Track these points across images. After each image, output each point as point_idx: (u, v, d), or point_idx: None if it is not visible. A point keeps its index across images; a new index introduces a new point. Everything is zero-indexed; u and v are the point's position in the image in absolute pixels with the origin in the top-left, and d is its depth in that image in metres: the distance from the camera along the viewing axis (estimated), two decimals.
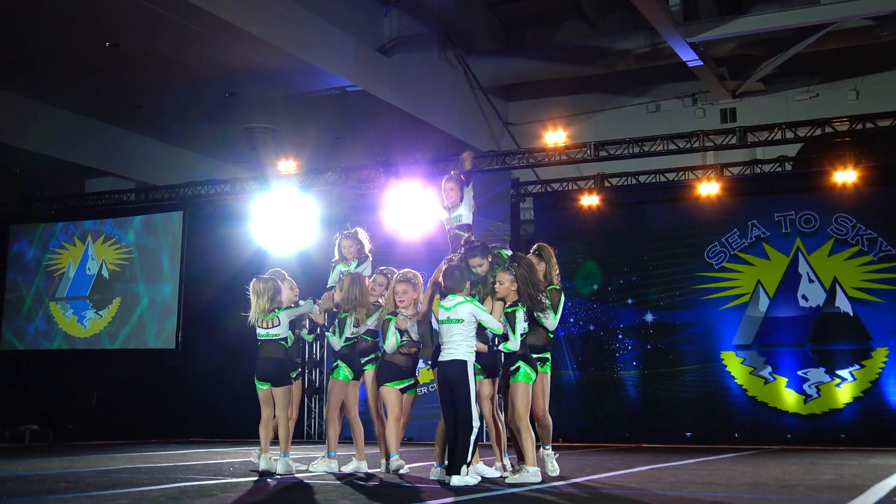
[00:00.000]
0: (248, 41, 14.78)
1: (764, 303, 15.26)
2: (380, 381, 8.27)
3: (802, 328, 14.99)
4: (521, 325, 7.47)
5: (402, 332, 8.05)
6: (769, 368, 15.06)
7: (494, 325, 7.29)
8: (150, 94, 17.26)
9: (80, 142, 18.65)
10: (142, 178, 19.92)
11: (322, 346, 17.18)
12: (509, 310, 7.50)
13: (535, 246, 8.36)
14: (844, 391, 14.60)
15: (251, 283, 8.51)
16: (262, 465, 8.24)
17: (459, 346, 7.21)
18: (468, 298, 7.33)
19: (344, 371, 8.70)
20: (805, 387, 14.80)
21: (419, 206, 15.47)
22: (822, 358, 14.82)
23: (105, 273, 18.42)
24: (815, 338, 14.89)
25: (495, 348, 7.51)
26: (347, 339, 8.71)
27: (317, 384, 17.18)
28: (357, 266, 9.22)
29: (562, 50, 20.37)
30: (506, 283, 7.52)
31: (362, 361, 8.81)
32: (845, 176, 14.72)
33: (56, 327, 18.63)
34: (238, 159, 20.99)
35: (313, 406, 17.12)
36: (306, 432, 17.03)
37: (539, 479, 7.30)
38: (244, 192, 17.39)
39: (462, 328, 7.22)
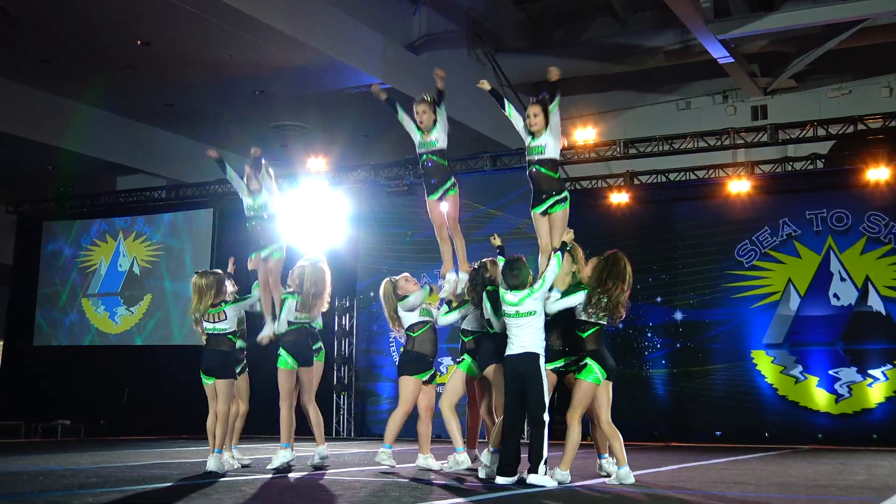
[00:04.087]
0: (279, 39, 14.83)
1: (795, 301, 15.15)
2: (401, 371, 8.29)
3: (834, 327, 14.87)
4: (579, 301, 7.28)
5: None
6: (800, 367, 14.96)
7: (555, 269, 7.18)
8: (181, 92, 17.36)
9: (112, 140, 18.79)
10: (172, 176, 20.05)
11: (350, 343, 17.23)
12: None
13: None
14: (877, 391, 14.48)
15: (193, 280, 8.35)
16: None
17: (530, 338, 7.03)
18: (533, 288, 7.13)
19: (286, 359, 8.37)
20: (836, 386, 14.68)
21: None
22: (854, 357, 14.70)
23: (136, 270, 18.57)
24: (847, 337, 14.76)
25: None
26: (291, 324, 8.49)
27: (345, 381, 17.22)
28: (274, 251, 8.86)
29: (591, 47, 20.30)
30: (589, 268, 7.47)
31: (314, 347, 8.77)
32: (878, 174, 14.59)
33: (88, 323, 18.80)
34: (268, 157, 20.92)
35: (342, 403, 17.16)
36: (335, 430, 17.07)
37: (559, 482, 7.02)
38: None
39: (533, 321, 7.05)
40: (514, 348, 7.09)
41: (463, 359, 8.12)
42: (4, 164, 19.14)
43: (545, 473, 6.85)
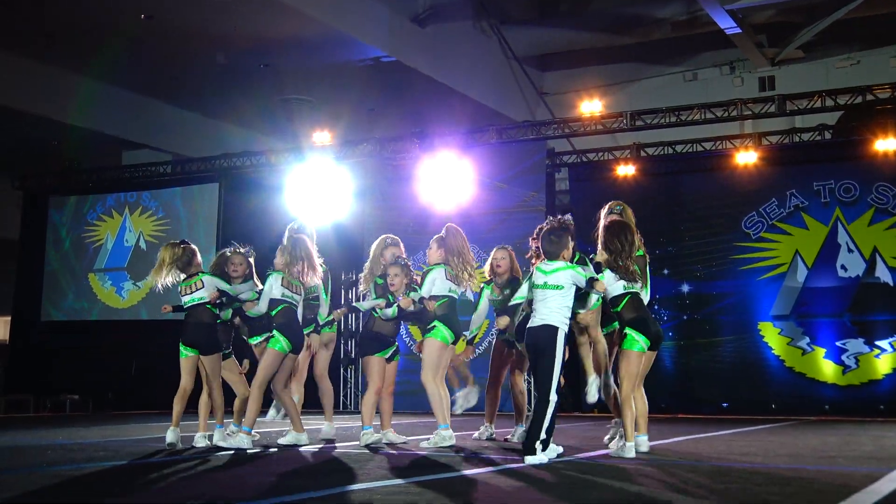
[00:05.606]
0: (283, 12, 14.75)
1: (802, 273, 15.13)
2: (363, 352, 8.18)
3: (841, 298, 14.86)
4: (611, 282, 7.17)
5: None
6: (807, 339, 14.95)
7: (599, 287, 6.86)
8: (186, 65, 17.30)
9: (117, 114, 18.74)
10: (178, 150, 20.01)
11: (357, 318, 17.23)
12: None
13: (614, 205, 8.05)
14: (884, 362, 14.48)
15: (160, 251, 8.23)
16: (169, 438, 7.85)
17: (554, 312, 6.75)
18: (569, 264, 6.91)
19: (281, 342, 8.02)
20: (843, 357, 14.68)
21: (454, 177, 15.46)
22: (861, 328, 14.70)
23: (142, 244, 18.57)
24: (854, 308, 14.76)
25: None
26: (280, 302, 8.11)
27: (352, 355, 17.25)
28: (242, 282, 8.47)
29: (598, 19, 20.13)
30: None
31: (321, 322, 8.65)
32: (886, 144, 14.52)
33: (95, 298, 18.82)
34: (273, 131, 21.03)
35: (349, 377, 17.20)
36: (342, 403, 17.13)
37: (633, 454, 6.93)
38: (280, 163, 17.44)
39: (559, 295, 6.77)
40: (535, 320, 6.84)
41: (434, 326, 7.92)
42: (9, 139, 19.12)
43: (543, 451, 6.53)
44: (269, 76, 17.83)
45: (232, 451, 7.55)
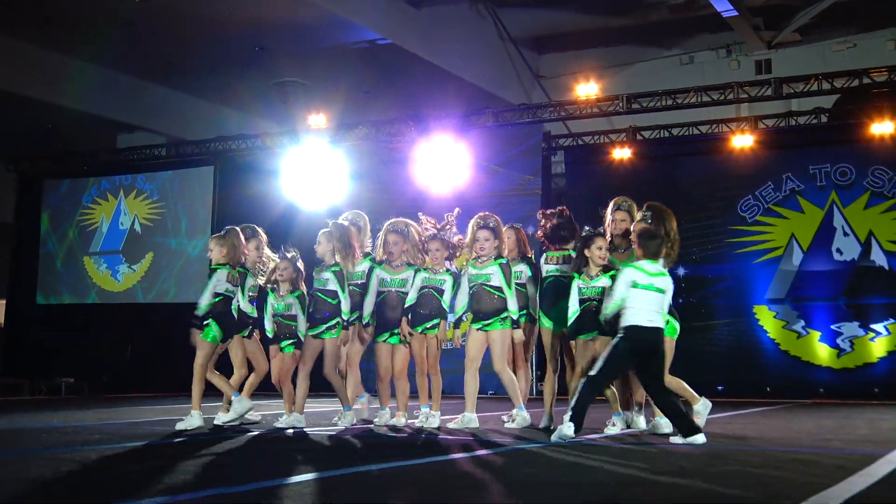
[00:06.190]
0: None
1: (798, 256, 15.13)
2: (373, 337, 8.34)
3: (836, 282, 14.85)
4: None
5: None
6: (802, 322, 14.96)
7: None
8: (181, 48, 17.24)
9: (112, 97, 18.70)
10: (173, 133, 19.97)
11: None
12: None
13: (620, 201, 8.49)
14: (879, 345, 14.49)
15: (227, 237, 8.12)
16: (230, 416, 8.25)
17: (659, 315, 7.03)
18: (665, 271, 7.23)
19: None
20: (838, 341, 14.69)
21: (450, 160, 15.43)
22: (857, 312, 14.70)
23: (137, 227, 18.55)
24: (850, 292, 14.75)
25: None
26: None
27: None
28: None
29: (594, 1, 20.09)
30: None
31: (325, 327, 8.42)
32: (882, 128, 14.49)
33: (90, 281, 18.81)
34: (269, 114, 20.98)
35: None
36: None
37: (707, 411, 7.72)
38: (275, 146, 17.40)
39: (663, 299, 7.08)
40: (641, 320, 6.95)
41: (506, 317, 8.01)
42: (4, 122, 19.07)
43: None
44: (265, 59, 17.78)
45: (246, 434, 7.56)
